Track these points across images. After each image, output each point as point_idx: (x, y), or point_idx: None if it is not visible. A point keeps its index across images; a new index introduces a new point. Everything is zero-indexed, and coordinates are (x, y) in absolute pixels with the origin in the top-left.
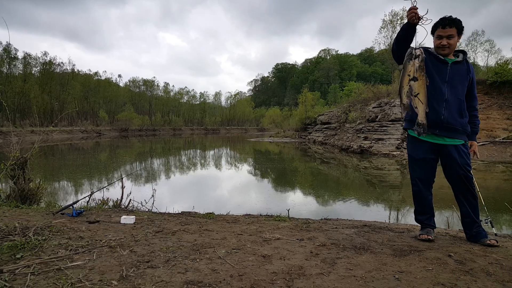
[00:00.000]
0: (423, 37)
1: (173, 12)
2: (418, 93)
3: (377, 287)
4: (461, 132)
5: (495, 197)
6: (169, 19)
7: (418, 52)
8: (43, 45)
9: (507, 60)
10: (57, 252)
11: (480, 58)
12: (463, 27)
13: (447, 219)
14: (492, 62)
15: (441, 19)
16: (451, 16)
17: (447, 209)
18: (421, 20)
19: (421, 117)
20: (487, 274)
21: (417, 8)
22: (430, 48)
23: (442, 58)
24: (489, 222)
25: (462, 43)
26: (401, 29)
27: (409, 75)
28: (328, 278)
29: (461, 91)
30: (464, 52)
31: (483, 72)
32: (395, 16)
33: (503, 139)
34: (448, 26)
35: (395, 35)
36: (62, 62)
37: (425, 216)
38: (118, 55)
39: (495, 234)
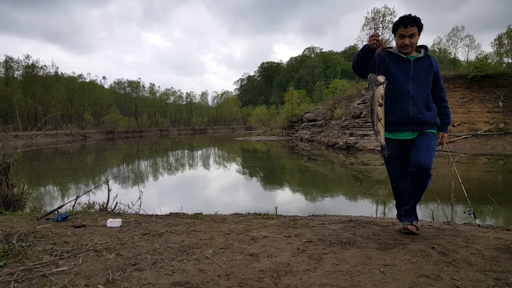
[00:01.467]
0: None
1: (156, 11)
2: (381, 118)
3: (362, 281)
4: (432, 123)
5: (478, 189)
6: (152, 18)
7: (382, 79)
8: (23, 48)
9: (487, 55)
10: (42, 258)
11: (461, 53)
12: (423, 25)
13: (431, 212)
14: (472, 57)
15: (402, 18)
16: (410, 14)
17: (432, 202)
18: (382, 46)
19: (383, 141)
20: (469, 264)
21: (379, 36)
22: (391, 47)
23: (404, 56)
24: (472, 214)
25: (443, 39)
26: (361, 50)
27: (378, 101)
28: (315, 274)
29: (426, 86)
30: (425, 47)
31: (464, 67)
32: (377, 13)
33: (484, 132)
34: (410, 25)
35: (378, 32)
36: (45, 65)
37: (404, 209)
38: (101, 56)
39: (478, 225)
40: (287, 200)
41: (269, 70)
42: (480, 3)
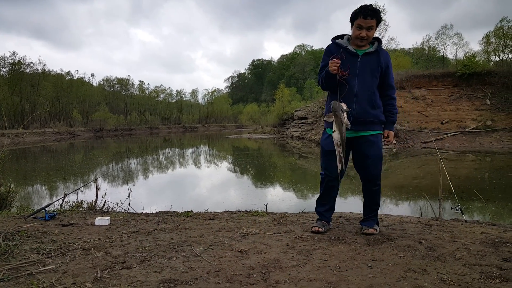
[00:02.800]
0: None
1: (144, 7)
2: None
3: (350, 275)
4: (376, 123)
5: (465, 185)
6: (140, 14)
7: (344, 107)
8: (8, 44)
9: (475, 53)
10: (29, 257)
11: (450, 51)
12: (382, 18)
13: (420, 208)
14: (460, 55)
15: (362, 8)
16: (371, 5)
17: (421, 198)
18: (341, 74)
19: (338, 169)
20: (455, 258)
21: (339, 63)
22: (341, 39)
23: (354, 51)
24: (459, 209)
25: (432, 37)
26: (326, 77)
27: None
28: (304, 270)
29: (372, 83)
30: (379, 41)
31: (453, 65)
32: None
33: (472, 129)
34: (370, 17)
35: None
36: (32, 62)
37: (324, 207)
38: (89, 53)
39: (465, 221)
40: (278, 197)
41: (259, 68)
42: (470, 1)
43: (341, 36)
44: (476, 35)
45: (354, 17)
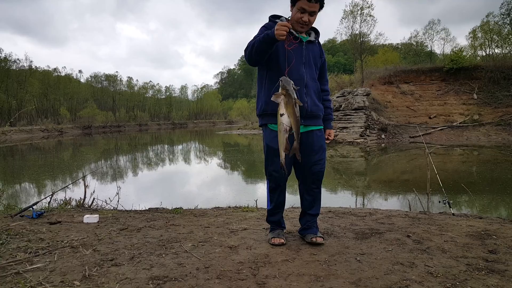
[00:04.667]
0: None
1: (130, 0)
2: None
3: (339, 269)
4: (320, 117)
5: (453, 179)
6: (126, 8)
7: (293, 85)
8: None
9: (462, 48)
10: (16, 256)
11: (437, 46)
12: (324, 4)
13: (408, 202)
14: (448, 49)
15: None
16: None
17: (410, 192)
18: (289, 41)
19: (282, 158)
20: (442, 251)
21: (290, 28)
22: (280, 17)
23: (297, 35)
24: (447, 203)
25: (419, 32)
26: (263, 40)
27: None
28: (293, 264)
29: (316, 74)
30: (316, 31)
31: (440, 59)
32: (355, 6)
33: (460, 123)
34: (314, 1)
35: (356, 25)
36: (18, 59)
37: (277, 216)
38: (75, 48)
39: (453, 214)
40: None
41: None
42: None
43: (277, 17)
44: (464, 30)
45: None
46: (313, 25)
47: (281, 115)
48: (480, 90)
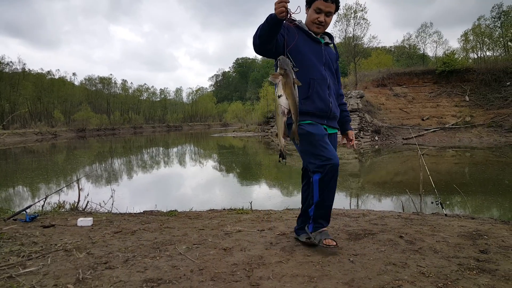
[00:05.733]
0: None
1: (123, 2)
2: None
3: (332, 270)
4: (337, 120)
5: (446, 180)
6: (120, 10)
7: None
8: None
9: (454, 51)
10: (8, 260)
11: (430, 49)
12: (340, 6)
13: (401, 203)
14: (440, 52)
15: None
16: None
17: (403, 193)
18: (291, 18)
19: (282, 144)
20: (434, 251)
21: (289, 1)
22: (296, 20)
23: (316, 37)
24: (439, 204)
25: (412, 35)
26: (265, 22)
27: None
28: (287, 265)
29: (335, 77)
30: (330, 36)
31: (432, 62)
32: (349, 9)
33: (452, 125)
34: (331, 1)
35: (350, 28)
36: (11, 62)
37: (328, 209)
38: (69, 51)
39: (445, 215)
40: (263, 195)
41: (244, 66)
42: None
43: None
44: (458, 32)
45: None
46: (326, 30)
47: (279, 96)
48: (472, 92)
